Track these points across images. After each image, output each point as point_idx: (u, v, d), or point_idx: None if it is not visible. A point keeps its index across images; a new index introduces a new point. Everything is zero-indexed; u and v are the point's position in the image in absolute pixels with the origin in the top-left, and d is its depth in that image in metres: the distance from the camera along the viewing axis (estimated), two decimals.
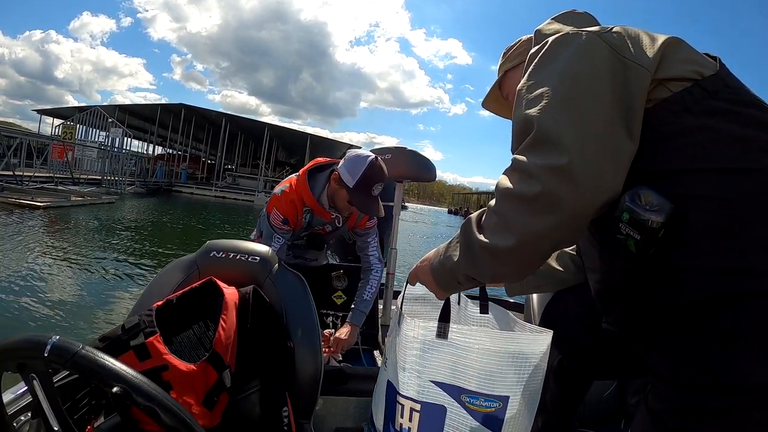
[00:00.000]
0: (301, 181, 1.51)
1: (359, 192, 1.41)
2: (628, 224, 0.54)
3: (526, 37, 0.86)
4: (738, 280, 0.50)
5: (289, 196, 1.51)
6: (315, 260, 1.84)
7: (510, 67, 0.87)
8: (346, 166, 1.44)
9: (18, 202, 9.72)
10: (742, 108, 0.55)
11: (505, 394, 0.75)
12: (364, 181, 1.40)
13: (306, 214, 1.54)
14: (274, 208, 1.51)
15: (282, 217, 1.50)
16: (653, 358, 0.59)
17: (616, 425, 1.37)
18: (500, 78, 0.91)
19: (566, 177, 0.52)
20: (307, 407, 0.93)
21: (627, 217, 0.54)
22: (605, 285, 0.67)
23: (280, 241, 1.51)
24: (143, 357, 0.75)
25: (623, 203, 0.54)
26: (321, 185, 1.54)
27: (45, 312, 3.90)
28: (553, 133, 0.54)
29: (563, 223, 0.53)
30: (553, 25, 0.74)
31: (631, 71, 0.56)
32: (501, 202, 0.58)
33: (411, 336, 0.79)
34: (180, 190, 24.10)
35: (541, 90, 0.57)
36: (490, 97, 0.95)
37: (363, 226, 1.66)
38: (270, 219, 1.51)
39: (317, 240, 1.71)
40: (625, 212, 0.54)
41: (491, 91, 0.94)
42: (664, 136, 0.55)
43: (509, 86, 0.88)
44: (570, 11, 0.76)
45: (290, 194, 1.51)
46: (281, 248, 1.51)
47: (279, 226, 1.50)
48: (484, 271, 0.62)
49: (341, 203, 1.50)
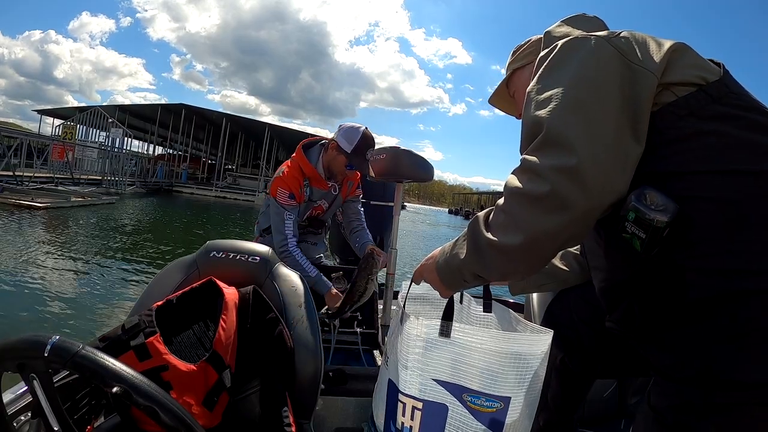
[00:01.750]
0: (298, 155, 1.74)
1: (356, 155, 1.67)
2: (634, 223, 0.55)
3: (536, 37, 0.86)
4: (741, 280, 0.51)
5: (290, 172, 1.71)
6: (315, 244, 1.96)
7: (518, 66, 0.88)
8: (343, 134, 1.69)
9: (18, 203, 9.73)
10: (745, 113, 0.56)
11: (507, 395, 0.75)
12: (360, 146, 1.67)
13: (306, 187, 1.74)
14: (278, 188, 1.69)
15: (288, 192, 1.68)
16: (656, 355, 0.60)
17: (616, 425, 1.37)
18: (508, 76, 0.91)
19: (575, 178, 0.53)
20: (307, 407, 0.93)
21: (633, 216, 0.55)
22: (610, 283, 0.68)
23: (291, 217, 1.68)
24: (143, 357, 0.75)
25: (629, 203, 0.55)
26: (316, 156, 1.77)
27: (45, 312, 3.91)
28: (562, 134, 0.55)
29: (571, 222, 0.55)
30: (563, 28, 0.75)
31: (639, 76, 0.57)
32: (510, 200, 0.59)
33: (414, 334, 0.79)
34: (180, 191, 24.09)
35: (550, 93, 0.59)
36: (497, 93, 0.96)
37: (354, 194, 1.94)
38: (278, 199, 1.68)
39: (316, 222, 1.90)
40: (630, 211, 0.55)
41: (499, 88, 0.95)
42: (670, 139, 0.57)
43: (516, 85, 0.89)
44: (580, 15, 0.77)
45: (291, 171, 1.71)
46: (294, 225, 1.68)
47: (287, 202, 1.68)
48: (491, 269, 0.63)
49: (338, 167, 1.73)
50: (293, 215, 1.69)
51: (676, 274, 0.55)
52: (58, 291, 4.53)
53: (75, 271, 5.42)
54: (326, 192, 1.82)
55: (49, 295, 4.36)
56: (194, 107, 26.46)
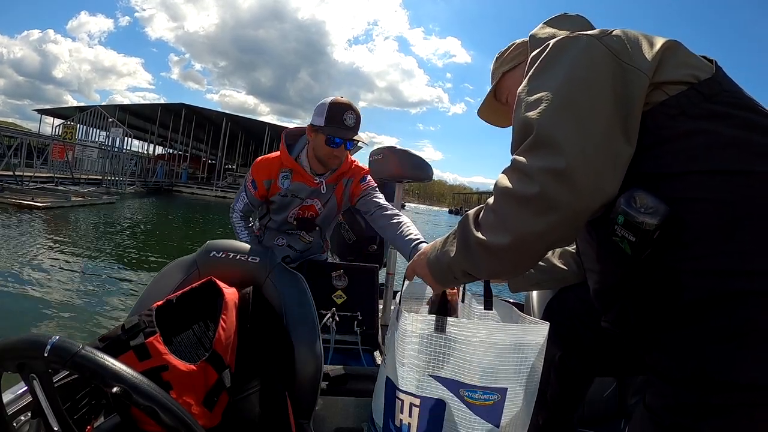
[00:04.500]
0: (280, 144, 1.55)
1: (332, 125, 1.39)
2: (623, 226, 0.54)
3: (520, 40, 0.86)
4: (735, 281, 0.51)
5: (265, 159, 1.56)
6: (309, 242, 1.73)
7: (508, 68, 0.88)
8: (314, 112, 1.44)
9: (18, 203, 9.73)
10: (738, 111, 0.56)
11: (503, 386, 0.75)
12: (333, 114, 1.39)
13: (284, 179, 1.54)
14: (249, 172, 1.59)
15: (251, 179, 1.56)
16: (652, 355, 0.60)
17: (616, 425, 1.37)
18: (496, 84, 0.90)
19: (564, 180, 0.53)
20: (307, 407, 0.93)
21: (622, 219, 0.54)
22: (603, 286, 0.68)
23: (243, 199, 1.60)
24: (143, 357, 0.75)
25: (619, 206, 0.55)
26: (299, 147, 1.56)
27: (45, 312, 3.90)
28: (552, 136, 0.54)
29: (559, 223, 0.54)
30: (546, 29, 0.75)
31: (630, 75, 0.57)
32: (499, 200, 0.59)
33: (409, 330, 0.80)
34: (180, 190, 24.09)
35: (541, 94, 0.58)
36: (486, 105, 0.95)
37: (358, 192, 1.55)
38: (245, 180, 1.59)
39: (308, 223, 1.65)
40: (620, 215, 0.55)
41: (486, 100, 0.94)
42: (661, 139, 0.56)
43: (507, 88, 0.88)
44: (561, 15, 0.77)
45: (266, 158, 1.57)
46: (244, 207, 1.61)
47: (247, 187, 1.58)
48: (479, 267, 0.64)
49: (323, 150, 1.44)
50: (246, 199, 1.60)
51: (670, 275, 0.55)
52: (58, 291, 4.54)
53: (75, 271, 5.42)
54: (314, 189, 1.55)
55: (49, 295, 4.36)
56: (194, 107, 26.47)
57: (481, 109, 0.96)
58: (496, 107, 0.94)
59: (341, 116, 1.39)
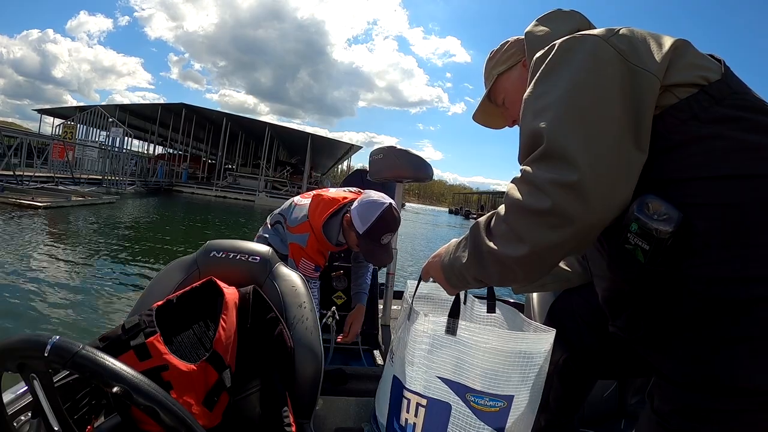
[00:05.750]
0: (319, 236, 1.51)
1: (368, 239, 1.41)
2: (637, 234, 0.53)
3: (513, 39, 0.84)
4: (746, 287, 0.50)
5: (314, 246, 1.51)
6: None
7: (503, 70, 0.85)
8: (359, 209, 1.43)
9: (18, 202, 9.71)
10: (749, 114, 0.54)
11: (510, 394, 0.75)
12: (374, 231, 1.40)
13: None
14: (302, 259, 1.51)
15: (313, 266, 1.51)
16: (661, 360, 0.59)
17: (616, 425, 1.37)
18: (491, 86, 0.88)
19: (577, 194, 0.51)
20: (307, 407, 0.93)
21: (635, 227, 0.53)
22: (613, 293, 0.67)
23: (317, 285, 1.54)
24: (143, 357, 0.75)
25: (631, 213, 0.54)
26: (336, 230, 1.54)
27: (45, 312, 3.90)
28: (562, 147, 0.53)
29: (573, 236, 0.54)
30: (540, 26, 0.72)
31: (640, 78, 0.55)
32: (510, 212, 0.58)
33: (421, 330, 0.80)
34: (181, 190, 24.07)
35: (548, 100, 0.57)
36: (481, 110, 0.92)
37: None
38: (301, 270, 1.49)
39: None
40: (633, 222, 0.53)
41: (482, 103, 0.91)
42: (672, 144, 0.55)
43: (505, 89, 0.86)
44: (556, 10, 0.74)
45: (313, 245, 1.51)
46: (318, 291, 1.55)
47: (312, 275, 1.51)
48: (491, 276, 0.63)
49: (352, 242, 1.51)
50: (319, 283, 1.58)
51: (681, 282, 0.54)
52: (58, 291, 4.53)
53: (75, 271, 5.41)
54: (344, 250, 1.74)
55: (49, 294, 4.36)
56: (194, 107, 26.45)
57: (477, 113, 0.94)
58: (492, 110, 0.92)
59: (380, 236, 1.41)
